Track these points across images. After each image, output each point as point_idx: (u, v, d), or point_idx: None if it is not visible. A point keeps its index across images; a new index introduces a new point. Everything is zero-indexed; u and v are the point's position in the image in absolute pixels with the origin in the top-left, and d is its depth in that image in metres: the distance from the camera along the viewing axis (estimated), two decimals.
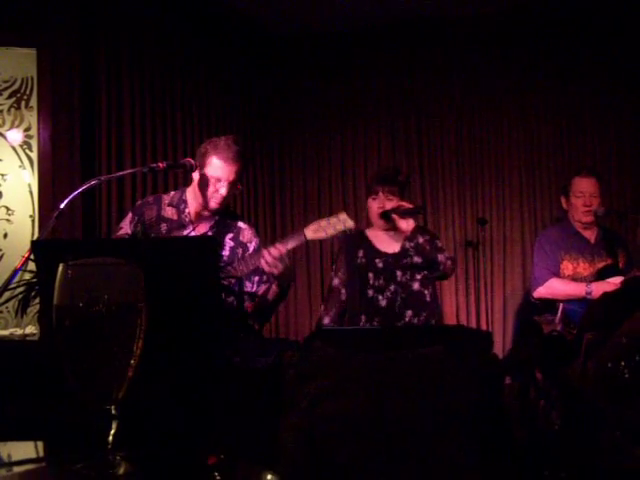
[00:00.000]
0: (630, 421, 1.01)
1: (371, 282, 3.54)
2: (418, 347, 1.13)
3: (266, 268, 2.67)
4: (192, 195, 2.93)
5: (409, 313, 3.50)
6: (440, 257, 3.51)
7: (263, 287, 2.86)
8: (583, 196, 3.83)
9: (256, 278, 2.85)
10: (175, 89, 4.61)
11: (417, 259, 3.49)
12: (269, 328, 5.15)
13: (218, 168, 2.81)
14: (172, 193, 3.03)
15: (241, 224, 2.98)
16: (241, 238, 2.93)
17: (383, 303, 3.51)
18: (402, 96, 5.47)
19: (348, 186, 5.53)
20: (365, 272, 3.56)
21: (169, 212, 2.91)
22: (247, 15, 5.09)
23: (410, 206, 3.51)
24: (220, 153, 2.81)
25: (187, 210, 2.91)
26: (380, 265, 3.55)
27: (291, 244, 2.71)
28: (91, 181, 2.48)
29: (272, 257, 2.64)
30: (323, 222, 2.77)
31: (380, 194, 3.54)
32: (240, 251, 2.88)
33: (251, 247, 2.90)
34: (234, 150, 2.82)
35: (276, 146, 5.59)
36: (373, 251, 3.59)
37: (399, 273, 3.53)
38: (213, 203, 2.84)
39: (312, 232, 2.75)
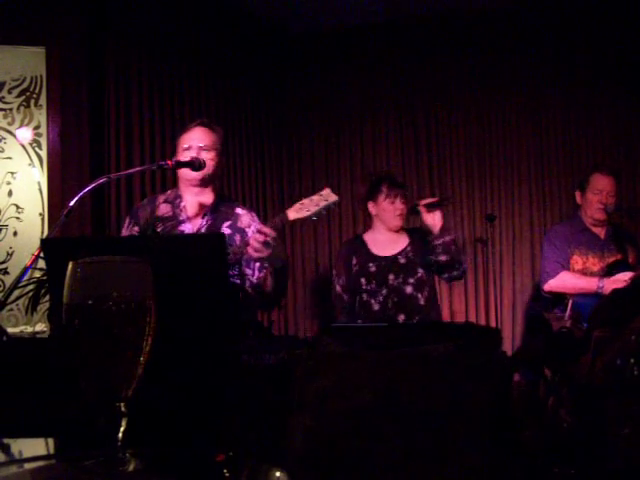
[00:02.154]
0: (639, 418, 1.01)
1: (364, 287, 3.57)
2: (427, 344, 1.13)
3: (253, 254, 2.60)
4: (184, 186, 2.93)
5: (402, 317, 3.51)
6: (463, 257, 3.60)
7: (264, 272, 2.83)
8: (600, 193, 3.82)
9: (256, 264, 2.83)
10: (183, 86, 4.61)
11: (442, 257, 3.48)
12: (278, 325, 5.16)
13: (186, 140, 2.89)
14: (169, 192, 3.04)
15: (239, 210, 2.96)
16: (239, 224, 2.90)
17: (376, 307, 3.53)
18: (411, 92, 5.46)
19: (357, 181, 5.53)
20: (358, 278, 3.59)
21: (163, 209, 2.91)
22: (257, 11, 5.09)
23: (434, 199, 3.55)
24: (184, 130, 2.96)
25: (182, 204, 2.91)
26: (373, 269, 3.58)
27: (274, 227, 2.62)
28: (100, 179, 2.47)
29: (258, 243, 2.57)
30: (306, 201, 2.66)
31: (398, 197, 3.60)
32: (238, 237, 2.85)
33: (249, 232, 2.84)
34: (196, 122, 2.94)
35: (285, 142, 5.59)
36: (367, 256, 3.62)
37: (391, 277, 3.55)
38: (193, 173, 2.82)
39: (294, 212, 2.64)
